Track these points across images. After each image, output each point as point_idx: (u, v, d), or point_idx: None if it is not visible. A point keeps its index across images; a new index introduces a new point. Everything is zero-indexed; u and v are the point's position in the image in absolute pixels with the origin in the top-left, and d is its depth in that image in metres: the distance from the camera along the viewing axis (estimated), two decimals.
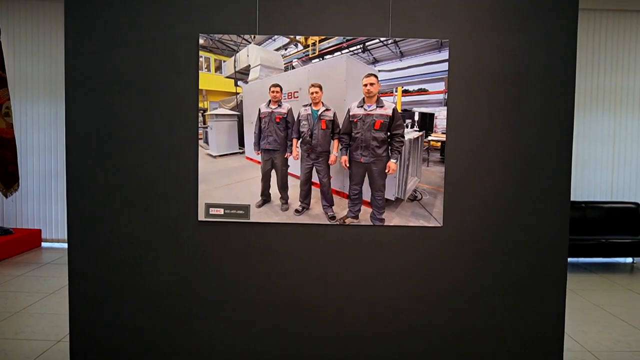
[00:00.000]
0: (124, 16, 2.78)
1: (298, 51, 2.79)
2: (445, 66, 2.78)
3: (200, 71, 2.80)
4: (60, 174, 7.70)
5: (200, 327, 2.89)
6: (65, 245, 7.67)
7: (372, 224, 2.84)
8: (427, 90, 2.80)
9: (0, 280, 5.85)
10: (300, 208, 2.84)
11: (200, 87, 2.80)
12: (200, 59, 2.79)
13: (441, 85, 2.80)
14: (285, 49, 2.79)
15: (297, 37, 2.78)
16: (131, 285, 2.88)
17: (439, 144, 2.83)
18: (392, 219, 2.84)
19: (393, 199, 2.83)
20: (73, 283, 2.89)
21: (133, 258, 2.87)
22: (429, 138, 2.82)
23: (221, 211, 2.84)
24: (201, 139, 2.82)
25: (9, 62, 7.25)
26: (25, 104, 7.64)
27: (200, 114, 2.81)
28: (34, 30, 7.62)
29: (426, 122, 2.81)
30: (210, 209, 2.84)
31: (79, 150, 2.84)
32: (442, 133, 2.82)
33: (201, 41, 2.78)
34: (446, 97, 2.80)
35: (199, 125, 2.81)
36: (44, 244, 7.66)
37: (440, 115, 2.81)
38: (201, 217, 2.84)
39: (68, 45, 2.79)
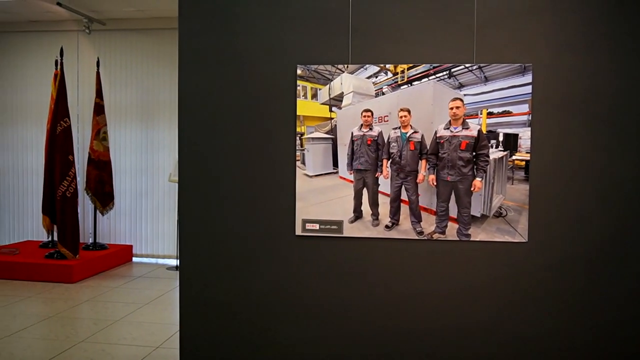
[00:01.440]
0: (230, 49, 3.09)
1: (388, 78, 3.01)
2: (528, 89, 2.93)
3: (297, 98, 3.06)
4: (149, 193, 8.22)
5: (298, 336, 3.12)
6: (154, 260, 8.15)
7: (458, 239, 3.00)
8: (511, 112, 2.95)
9: (99, 291, 6.33)
10: (390, 224, 3.04)
11: (297, 113, 3.07)
12: (298, 88, 3.06)
13: (525, 107, 2.94)
14: (376, 77, 3.02)
15: (387, 66, 3.01)
16: (236, 294, 3.15)
17: (523, 162, 2.97)
18: (478, 234, 2.99)
19: (479, 216, 2.98)
20: (184, 292, 3.19)
21: (238, 270, 3.14)
22: (513, 157, 2.97)
23: (316, 226, 3.08)
24: (299, 160, 3.08)
25: (105, 90, 7.85)
26: (119, 129, 8.23)
27: (298, 138, 3.07)
28: (126, 60, 8.22)
29: (510, 142, 2.96)
30: (307, 224, 3.08)
31: (188, 169, 3.15)
32: (526, 152, 2.96)
33: (299, 71, 3.05)
34: (530, 119, 2.94)
35: (297, 148, 3.07)
36: (134, 259, 8.17)
37: (524, 136, 2.95)
38: (298, 232, 3.09)
39: (181, 74, 3.13)
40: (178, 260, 7.60)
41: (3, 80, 8.63)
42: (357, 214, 3.06)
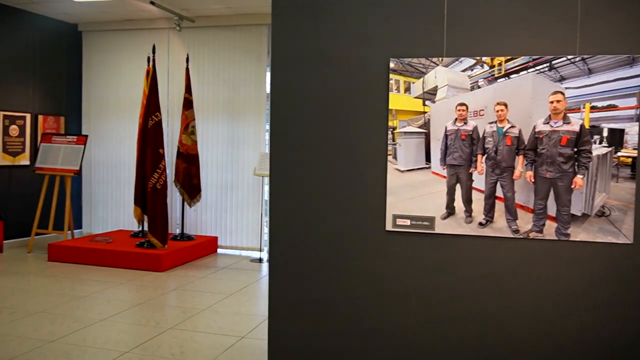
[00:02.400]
0: (323, 43, 3.10)
1: (484, 71, 2.92)
2: (637, 81, 2.76)
3: (390, 92, 3.03)
4: (234, 187, 8.42)
5: (386, 331, 3.10)
6: (238, 252, 8.36)
7: (557, 238, 2.88)
8: (617, 106, 2.79)
9: (186, 281, 6.55)
10: (484, 221, 2.95)
11: (390, 107, 3.03)
12: (391, 81, 3.03)
13: (632, 101, 2.77)
14: (471, 70, 2.94)
15: (483, 58, 2.92)
16: (325, 287, 3.17)
17: (630, 159, 2.80)
18: (578, 234, 2.85)
19: (579, 215, 2.84)
20: (273, 284, 3.24)
21: (327, 263, 3.15)
22: (619, 154, 2.81)
23: (407, 222, 3.04)
24: (390, 154, 3.05)
25: (194, 86, 8.10)
26: (206, 123, 8.48)
27: (390, 132, 3.04)
28: (214, 56, 8.45)
29: (616, 138, 2.80)
30: (397, 219, 3.05)
31: (279, 162, 3.19)
32: (633, 149, 2.79)
33: (392, 65, 3.02)
34: (638, 113, 2.77)
35: (389, 142, 3.04)
36: (219, 250, 8.41)
37: (631, 131, 2.79)
38: (389, 227, 3.06)
39: (274, 70, 3.17)
40: (266, 253, 7.78)
41: (100, 77, 9.10)
42: (450, 210, 3.00)
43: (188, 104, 7.88)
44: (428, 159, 3.03)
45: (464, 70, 2.95)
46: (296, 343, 3.22)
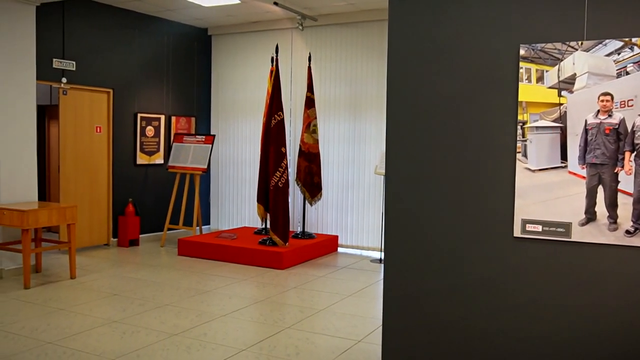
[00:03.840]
0: (444, 33, 2.85)
1: (633, 55, 2.52)
2: None
3: (520, 83, 2.72)
4: (355, 185, 8.31)
5: (508, 342, 2.79)
6: (359, 252, 8.23)
7: None
8: None
9: (306, 279, 6.53)
10: (632, 229, 2.55)
11: (520, 99, 2.72)
12: (521, 71, 2.71)
13: None
14: (618, 54, 2.55)
15: (634, 40, 2.52)
16: (443, 293, 2.92)
17: None
18: None
19: None
20: (387, 288, 3.05)
21: (446, 269, 2.91)
22: None
23: (539, 228, 2.71)
24: (520, 152, 2.73)
25: (315, 84, 8.09)
26: (328, 121, 8.45)
27: (519, 127, 2.73)
28: (336, 54, 8.39)
29: None
30: (527, 225, 2.73)
31: (396, 162, 2.99)
32: None
33: (522, 52, 2.70)
34: None
35: (518, 139, 2.73)
36: (339, 249, 8.33)
37: None
38: (517, 233, 2.75)
39: (391, 64, 2.97)
40: (383, 254, 7.60)
41: (227, 78, 9.41)
42: (590, 216, 2.62)
43: (310, 102, 7.88)
44: (564, 156, 2.68)
45: (608, 55, 2.57)
46: (410, 349, 3.01)
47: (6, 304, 5.32)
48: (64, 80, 7.41)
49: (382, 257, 7.48)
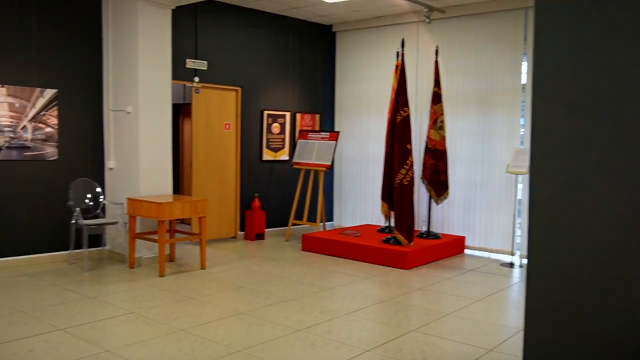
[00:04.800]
0: (602, 8, 2.53)
1: None
2: None
3: None
4: (484, 185, 7.91)
5: None
6: (487, 254, 7.83)
7: None
8: None
9: (432, 281, 6.29)
10: None
11: None
12: None
13: None
14: None
15: None
16: (598, 305, 2.60)
17: None
18: None
19: None
20: (531, 296, 2.78)
21: (600, 275, 2.58)
22: None
23: None
24: None
25: (442, 79, 7.80)
26: (455, 117, 8.11)
27: None
28: (464, 47, 8.03)
29: None
30: None
31: (542, 161, 2.71)
32: None
33: None
34: None
35: None
36: (466, 251, 7.98)
37: None
38: None
39: (537, 54, 2.69)
40: (518, 258, 7.16)
41: (351, 74, 9.37)
42: None
43: (437, 98, 7.60)
44: None
45: None
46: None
47: (143, 291, 5.62)
48: (196, 79, 7.74)
49: (514, 262, 7.08)
